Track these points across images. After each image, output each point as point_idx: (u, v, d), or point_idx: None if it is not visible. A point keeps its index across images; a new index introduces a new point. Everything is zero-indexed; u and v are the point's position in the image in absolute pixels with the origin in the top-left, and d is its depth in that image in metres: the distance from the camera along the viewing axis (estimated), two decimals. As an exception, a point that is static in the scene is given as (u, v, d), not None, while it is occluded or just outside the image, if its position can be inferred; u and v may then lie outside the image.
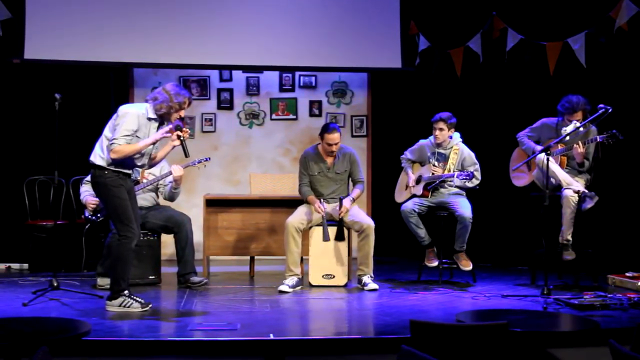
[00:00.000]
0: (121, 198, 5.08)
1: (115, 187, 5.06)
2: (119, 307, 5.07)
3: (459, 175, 6.18)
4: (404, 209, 6.34)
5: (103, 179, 5.07)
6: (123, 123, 5.02)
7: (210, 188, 7.85)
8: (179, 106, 5.13)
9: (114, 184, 5.06)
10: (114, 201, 5.08)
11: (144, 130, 5.11)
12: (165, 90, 5.14)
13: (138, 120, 5.06)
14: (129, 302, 5.08)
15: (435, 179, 6.37)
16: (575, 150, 6.04)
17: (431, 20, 7.88)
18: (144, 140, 5.09)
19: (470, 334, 3.53)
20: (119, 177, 5.09)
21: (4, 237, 7.40)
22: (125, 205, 5.08)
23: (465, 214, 6.16)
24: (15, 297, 5.61)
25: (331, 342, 4.41)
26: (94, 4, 7.47)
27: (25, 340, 3.74)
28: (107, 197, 5.11)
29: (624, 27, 6.78)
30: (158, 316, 5.05)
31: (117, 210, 5.08)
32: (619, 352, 3.07)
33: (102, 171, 5.07)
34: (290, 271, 6.10)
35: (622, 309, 5.15)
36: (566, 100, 6.14)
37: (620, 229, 7.03)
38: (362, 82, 8.29)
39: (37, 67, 7.48)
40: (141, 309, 5.08)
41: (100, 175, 5.08)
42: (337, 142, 6.28)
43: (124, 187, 5.12)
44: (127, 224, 5.08)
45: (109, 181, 5.06)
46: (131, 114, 5.06)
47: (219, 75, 8.13)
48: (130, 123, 5.02)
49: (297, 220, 6.15)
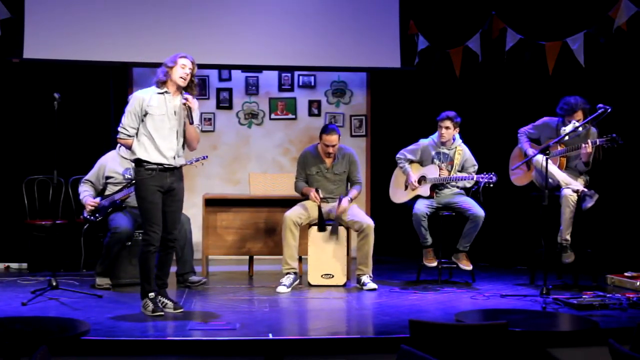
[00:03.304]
0: (147, 200, 5.01)
1: (145, 188, 5.00)
2: (143, 308, 5.06)
3: (480, 177, 6.16)
4: (417, 212, 6.26)
5: (138, 176, 5.06)
6: (126, 108, 5.08)
7: (210, 187, 7.85)
8: (173, 63, 5.11)
9: (145, 184, 5.01)
10: (140, 202, 5.08)
11: (158, 106, 5.05)
12: (162, 64, 5.18)
13: (142, 101, 5.03)
14: (147, 305, 5.02)
15: (451, 180, 6.33)
16: (584, 150, 6.01)
17: (430, 20, 7.88)
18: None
19: (470, 333, 3.53)
20: (152, 176, 5.00)
21: (3, 236, 7.39)
22: (148, 207, 5.02)
23: (478, 213, 6.16)
24: (14, 296, 5.61)
25: (330, 342, 4.40)
26: (93, 4, 7.46)
27: (25, 339, 3.74)
28: (137, 196, 5.12)
29: (623, 27, 6.78)
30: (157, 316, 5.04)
31: (142, 212, 5.07)
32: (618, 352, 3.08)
33: (139, 168, 5.06)
34: (287, 265, 6.10)
35: (621, 309, 5.15)
36: (564, 102, 6.15)
37: (619, 229, 7.03)
38: (361, 81, 8.29)
39: (36, 67, 7.47)
40: (151, 314, 4.97)
41: (137, 172, 5.08)
42: (335, 144, 6.27)
43: (155, 187, 5.02)
44: (147, 226, 5.04)
45: (139, 180, 5.05)
46: (133, 97, 5.12)
47: (218, 74, 8.13)
48: (130, 105, 5.06)
49: (295, 214, 6.16)
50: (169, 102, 5.09)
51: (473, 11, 7.71)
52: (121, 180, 6.24)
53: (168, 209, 5.11)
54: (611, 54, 7.10)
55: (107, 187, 6.29)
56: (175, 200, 5.15)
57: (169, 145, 5.06)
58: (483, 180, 6.15)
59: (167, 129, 5.06)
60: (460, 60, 7.68)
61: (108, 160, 6.31)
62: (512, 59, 7.45)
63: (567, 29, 7.17)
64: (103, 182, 6.28)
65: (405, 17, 7.84)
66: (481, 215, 6.16)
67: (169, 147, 5.06)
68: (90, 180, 6.29)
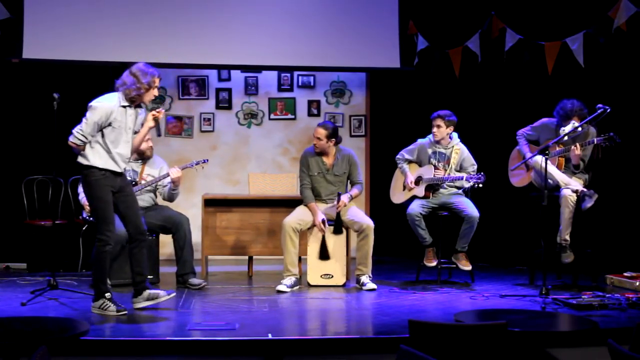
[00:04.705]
0: (103, 199, 5.01)
1: (99, 188, 4.99)
2: (99, 309, 5.03)
3: (469, 177, 6.17)
4: (411, 212, 6.29)
5: (87, 179, 5.02)
6: (89, 116, 4.97)
7: (209, 188, 7.85)
8: (148, 86, 4.99)
9: (98, 184, 4.99)
10: (95, 202, 5.04)
11: (120, 119, 5.00)
12: (131, 73, 5.01)
13: (109, 114, 4.95)
14: (107, 305, 5.01)
15: (442, 180, 6.34)
16: (572, 152, 6.04)
17: (430, 20, 7.88)
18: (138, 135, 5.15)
19: (469, 333, 3.53)
20: (105, 177, 5.01)
21: (2, 236, 7.39)
22: (104, 207, 5.01)
23: (473, 214, 6.16)
24: (13, 296, 5.60)
25: (330, 342, 4.41)
26: (93, 4, 7.45)
27: (24, 339, 3.74)
28: (90, 197, 5.07)
29: (623, 27, 6.78)
30: (157, 316, 5.05)
31: (97, 212, 5.05)
32: (617, 352, 3.08)
33: (88, 171, 5.01)
34: (288, 271, 6.10)
35: (620, 309, 5.15)
36: (560, 107, 6.16)
37: (618, 229, 7.03)
38: (360, 82, 8.29)
39: (35, 67, 7.47)
40: (115, 313, 4.98)
41: (86, 174, 5.02)
42: (320, 138, 6.27)
43: (108, 188, 5.03)
44: (103, 226, 5.02)
45: (92, 181, 5.00)
46: (100, 109, 4.96)
47: (217, 75, 8.13)
48: (96, 116, 4.94)
49: (294, 220, 6.15)
50: (128, 116, 5.07)
51: (472, 11, 7.71)
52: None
53: (124, 206, 5.11)
54: (611, 54, 7.09)
55: (107, 187, 6.27)
56: (127, 195, 5.15)
57: (123, 157, 5.08)
58: (472, 180, 6.16)
59: (124, 142, 5.06)
60: (459, 61, 7.68)
61: (108, 161, 6.29)
62: (511, 59, 7.44)
63: (566, 29, 7.17)
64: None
65: (405, 17, 7.84)
66: (475, 216, 6.16)
67: (123, 159, 5.08)
68: (90, 180, 6.27)
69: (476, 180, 6.13)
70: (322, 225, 6.14)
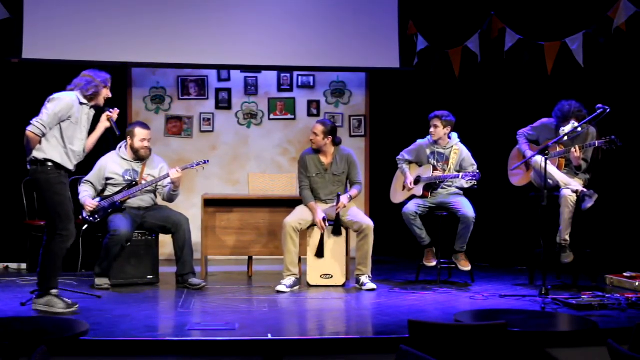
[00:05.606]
0: (63, 195, 5.07)
1: (57, 184, 5.04)
2: (44, 305, 5.02)
3: (465, 176, 6.18)
4: (406, 211, 6.32)
5: (45, 175, 5.04)
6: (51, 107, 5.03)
7: (209, 188, 7.85)
8: (103, 84, 5.25)
9: (56, 180, 5.04)
10: (55, 198, 5.05)
11: (78, 115, 5.12)
12: (84, 75, 5.26)
13: (70, 107, 5.06)
14: (54, 302, 5.00)
15: (438, 179, 6.35)
16: (573, 155, 6.04)
17: (429, 20, 7.88)
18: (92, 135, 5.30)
19: (469, 333, 3.53)
20: (61, 175, 5.07)
21: (2, 236, 7.39)
22: (65, 202, 5.07)
23: (468, 214, 6.17)
24: (13, 296, 5.61)
25: (329, 342, 4.41)
26: (92, 4, 7.46)
27: (24, 339, 3.74)
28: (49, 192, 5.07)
29: (622, 27, 6.78)
30: (156, 316, 5.05)
31: (57, 208, 5.05)
32: (617, 352, 3.08)
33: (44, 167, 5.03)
34: (288, 271, 6.10)
35: (620, 309, 5.15)
36: (558, 109, 6.16)
37: (618, 229, 7.03)
38: (360, 82, 8.29)
39: (35, 67, 7.47)
40: (66, 309, 4.99)
41: (42, 171, 5.04)
42: (317, 134, 6.28)
43: (65, 185, 5.10)
44: (66, 222, 5.06)
45: (51, 177, 5.03)
46: (62, 100, 5.07)
47: (217, 75, 8.13)
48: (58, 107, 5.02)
49: (295, 220, 6.15)
50: (84, 114, 5.21)
51: (472, 11, 7.72)
52: (121, 181, 6.24)
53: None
54: (610, 54, 7.10)
55: (107, 188, 6.28)
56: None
57: (76, 154, 5.16)
58: (466, 177, 6.16)
59: (78, 139, 5.17)
60: (459, 61, 7.68)
61: (108, 162, 6.30)
62: (511, 59, 7.45)
63: (566, 29, 7.17)
64: (103, 183, 6.28)
65: (405, 18, 7.84)
66: (470, 216, 6.16)
67: (75, 156, 5.17)
68: (90, 180, 6.28)
69: (471, 178, 6.13)
70: (323, 224, 6.14)
